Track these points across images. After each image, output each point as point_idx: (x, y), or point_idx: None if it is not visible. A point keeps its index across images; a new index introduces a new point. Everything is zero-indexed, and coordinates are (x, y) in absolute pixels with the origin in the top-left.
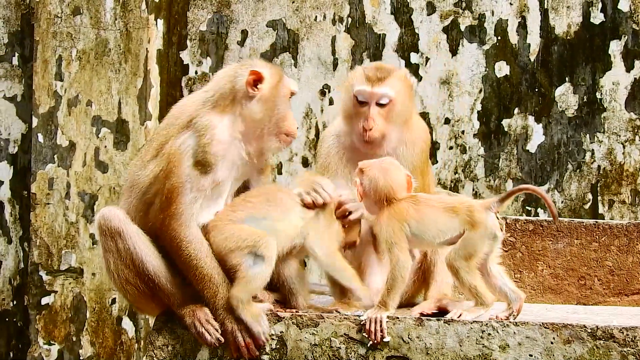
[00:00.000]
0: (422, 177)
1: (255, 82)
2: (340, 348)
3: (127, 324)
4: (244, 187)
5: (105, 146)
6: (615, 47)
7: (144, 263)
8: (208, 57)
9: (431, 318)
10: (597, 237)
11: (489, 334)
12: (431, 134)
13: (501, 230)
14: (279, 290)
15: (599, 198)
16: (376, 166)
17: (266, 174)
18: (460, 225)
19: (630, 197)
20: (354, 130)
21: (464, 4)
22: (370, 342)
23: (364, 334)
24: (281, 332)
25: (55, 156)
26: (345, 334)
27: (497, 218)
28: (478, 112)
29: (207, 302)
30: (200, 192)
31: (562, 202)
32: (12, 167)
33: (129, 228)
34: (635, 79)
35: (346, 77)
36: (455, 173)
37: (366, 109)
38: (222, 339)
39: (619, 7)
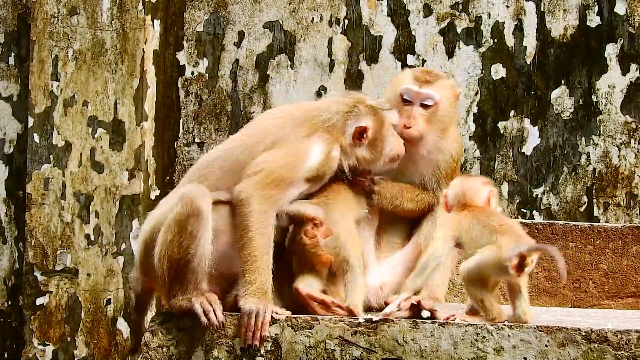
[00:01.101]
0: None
1: (361, 134)
2: (335, 350)
3: (122, 324)
4: None
5: (101, 146)
6: (612, 50)
7: (195, 256)
8: (204, 58)
9: (426, 321)
10: (592, 240)
11: (484, 337)
12: None
13: (519, 273)
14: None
15: (594, 201)
16: (461, 176)
17: None
18: (488, 241)
19: (625, 200)
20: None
21: (460, 7)
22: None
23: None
24: (276, 334)
25: (51, 156)
26: (340, 336)
27: (525, 259)
28: (474, 114)
29: (242, 284)
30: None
31: (557, 204)
32: (7, 167)
33: (208, 217)
34: (631, 82)
35: (393, 76)
36: None
37: (410, 107)
38: (224, 324)
39: (615, 10)
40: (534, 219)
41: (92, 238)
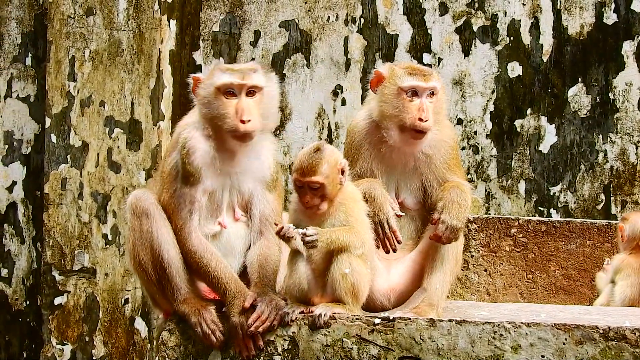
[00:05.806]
0: (458, 170)
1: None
2: (352, 349)
3: (139, 324)
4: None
5: (118, 146)
6: (628, 48)
7: (161, 249)
8: (220, 58)
9: (443, 319)
10: (610, 237)
11: (501, 335)
12: None
13: None
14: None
15: (612, 199)
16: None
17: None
18: None
19: None
20: (403, 121)
21: (476, 5)
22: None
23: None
24: (293, 332)
25: (68, 156)
26: (357, 334)
27: None
28: (491, 112)
29: (222, 298)
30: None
31: (574, 202)
32: (25, 167)
33: (157, 212)
34: None
35: (390, 73)
36: (468, 173)
37: (417, 100)
38: (225, 342)
39: (632, 7)
40: (551, 216)
41: (110, 238)
